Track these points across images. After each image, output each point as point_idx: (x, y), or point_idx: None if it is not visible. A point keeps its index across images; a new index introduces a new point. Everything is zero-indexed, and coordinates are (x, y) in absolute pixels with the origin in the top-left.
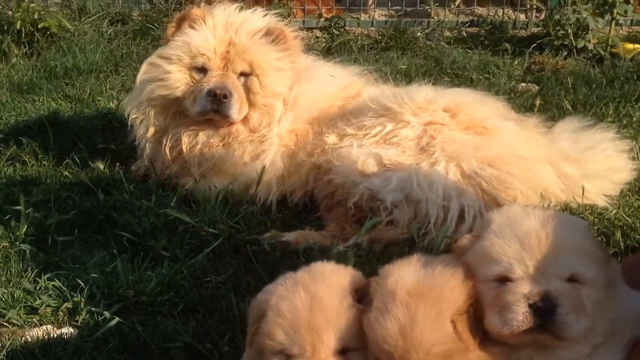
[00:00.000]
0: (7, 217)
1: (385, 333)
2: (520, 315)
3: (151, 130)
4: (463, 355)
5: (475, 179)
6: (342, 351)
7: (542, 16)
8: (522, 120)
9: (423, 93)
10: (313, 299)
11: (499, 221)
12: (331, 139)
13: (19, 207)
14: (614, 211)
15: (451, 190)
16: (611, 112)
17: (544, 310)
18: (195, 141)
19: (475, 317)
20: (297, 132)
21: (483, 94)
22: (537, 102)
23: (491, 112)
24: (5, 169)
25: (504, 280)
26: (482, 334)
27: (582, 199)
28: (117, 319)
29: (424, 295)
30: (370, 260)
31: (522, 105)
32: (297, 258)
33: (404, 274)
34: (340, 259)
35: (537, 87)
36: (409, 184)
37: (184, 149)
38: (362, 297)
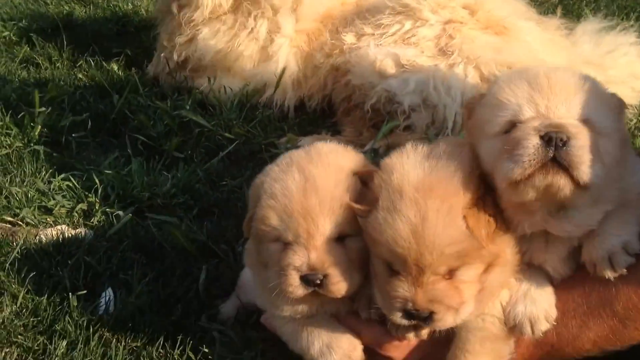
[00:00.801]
0: (20, 115)
1: (396, 235)
2: (531, 148)
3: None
4: (476, 253)
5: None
6: (340, 238)
7: None
8: (544, 22)
9: None
10: (307, 181)
11: (507, 73)
12: (349, 38)
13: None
14: (634, 120)
15: (469, 94)
16: (632, 22)
17: (557, 141)
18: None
19: (486, 210)
20: (307, 32)
21: None
22: (558, 11)
23: (511, 10)
24: (20, 71)
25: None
26: (493, 227)
27: None
28: (130, 215)
29: (433, 191)
30: None
31: (543, 14)
32: None
33: (409, 168)
34: None
35: None
36: (427, 87)
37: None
38: (364, 183)
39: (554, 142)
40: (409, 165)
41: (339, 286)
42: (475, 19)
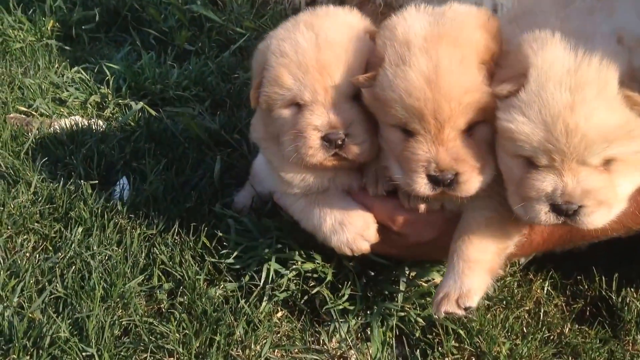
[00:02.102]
0: (31, 11)
1: (409, 86)
2: (543, 216)
3: None
4: (494, 109)
5: None
6: (356, 96)
7: None
8: None
9: None
10: (318, 36)
11: (532, 89)
12: None
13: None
14: None
15: None
16: None
17: (568, 211)
18: None
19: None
20: None
21: None
22: None
23: None
24: None
25: (528, 160)
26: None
27: None
28: (142, 104)
29: (442, 39)
30: None
31: None
32: None
33: (413, 21)
34: None
35: None
36: None
37: None
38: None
39: (565, 212)
40: (413, 18)
41: (362, 147)
42: None
